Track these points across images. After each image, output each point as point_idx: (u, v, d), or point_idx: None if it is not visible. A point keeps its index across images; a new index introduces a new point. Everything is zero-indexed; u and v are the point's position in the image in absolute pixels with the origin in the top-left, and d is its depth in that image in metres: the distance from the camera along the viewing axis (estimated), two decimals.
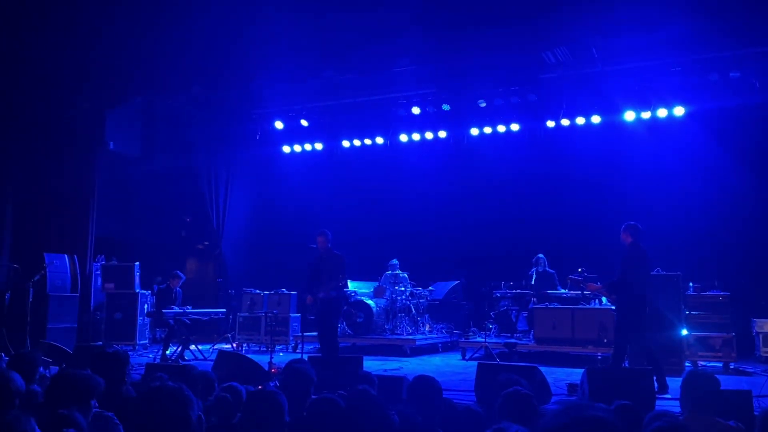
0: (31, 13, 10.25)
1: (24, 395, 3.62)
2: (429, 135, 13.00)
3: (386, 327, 11.54)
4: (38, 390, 4.18)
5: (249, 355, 8.37)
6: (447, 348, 11.94)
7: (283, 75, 11.03)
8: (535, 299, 11.03)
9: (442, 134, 12.92)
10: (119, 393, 4.30)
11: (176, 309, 10.78)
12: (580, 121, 11.79)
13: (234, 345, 11.76)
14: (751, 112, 10.75)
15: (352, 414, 3.30)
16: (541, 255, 11.63)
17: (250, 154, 14.57)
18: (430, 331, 12.07)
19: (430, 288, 12.32)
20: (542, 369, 6.66)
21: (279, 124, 13.16)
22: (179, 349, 10.50)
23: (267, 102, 12.77)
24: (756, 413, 4.92)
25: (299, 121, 12.98)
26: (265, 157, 14.68)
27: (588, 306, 10.23)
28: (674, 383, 7.09)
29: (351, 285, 11.82)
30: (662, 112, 11.14)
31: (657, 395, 6.36)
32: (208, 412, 4.11)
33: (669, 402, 6.43)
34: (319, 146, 14.01)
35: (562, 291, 10.94)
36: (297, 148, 14.13)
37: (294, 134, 13.61)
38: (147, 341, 12.28)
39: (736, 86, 10.20)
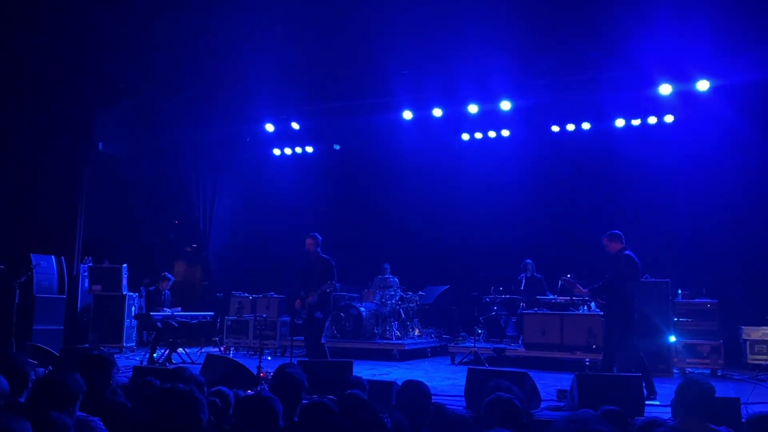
0: (21, 13, 10.17)
1: (8, 396, 3.57)
2: (420, 140, 12.98)
3: (375, 331, 11.50)
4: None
5: (237, 359, 8.31)
6: (436, 353, 11.91)
7: (275, 77, 10.99)
8: (524, 304, 11.05)
9: (433, 139, 12.91)
10: (103, 396, 4.24)
11: (167, 311, 10.70)
12: (571, 127, 11.84)
13: (222, 348, 11.68)
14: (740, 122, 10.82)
15: (344, 418, 3.27)
16: (529, 260, 11.67)
17: (240, 156, 14.48)
18: (420, 336, 12.05)
19: (421, 293, 12.31)
20: (531, 374, 6.67)
21: (270, 127, 13.11)
22: (167, 352, 10.42)
23: (258, 104, 12.70)
24: (744, 420, 4.95)
25: (290, 124, 12.94)
26: (255, 159, 14.61)
27: (577, 312, 10.25)
28: (662, 389, 7.13)
29: (340, 289, 11.77)
30: (652, 120, 11.21)
31: (646, 401, 6.37)
32: None
33: (658, 408, 6.45)
34: (309, 149, 13.96)
35: (551, 296, 10.96)
36: (288, 151, 14.08)
37: (285, 137, 13.53)
38: (134, 344, 12.18)
39: (725, 95, 10.27)
